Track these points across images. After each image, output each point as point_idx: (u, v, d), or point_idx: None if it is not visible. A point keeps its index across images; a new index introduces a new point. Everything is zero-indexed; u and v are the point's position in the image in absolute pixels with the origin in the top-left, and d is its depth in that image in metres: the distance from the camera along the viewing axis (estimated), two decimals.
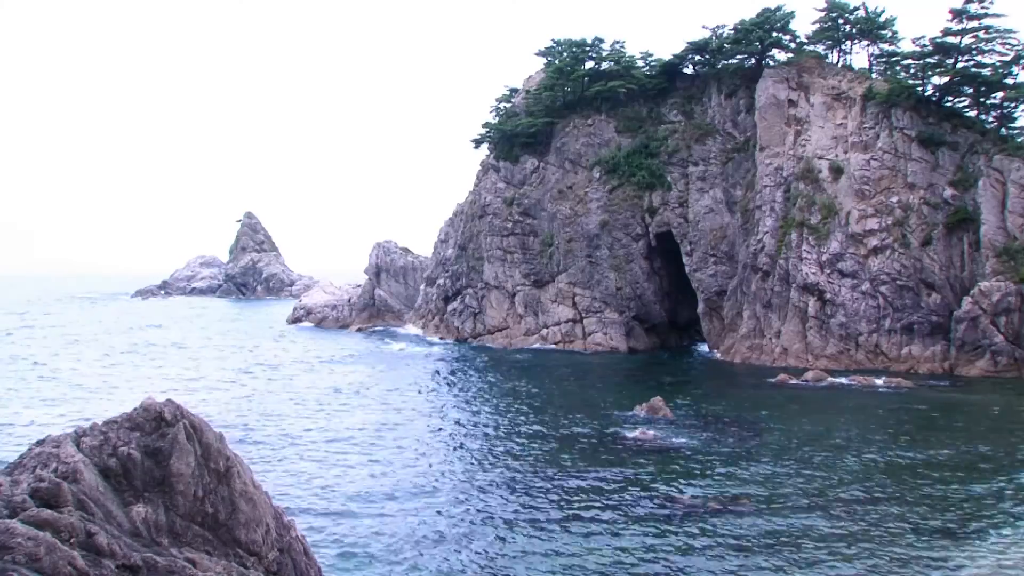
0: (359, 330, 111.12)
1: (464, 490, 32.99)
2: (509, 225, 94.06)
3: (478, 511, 30.23)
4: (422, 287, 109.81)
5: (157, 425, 14.03)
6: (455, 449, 40.71)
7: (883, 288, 68.95)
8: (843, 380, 61.00)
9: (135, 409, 14.33)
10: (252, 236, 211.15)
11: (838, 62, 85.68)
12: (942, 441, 41.23)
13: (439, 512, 30.01)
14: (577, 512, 29.68)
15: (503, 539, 27.19)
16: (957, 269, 68.84)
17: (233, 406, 51.97)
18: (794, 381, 61.91)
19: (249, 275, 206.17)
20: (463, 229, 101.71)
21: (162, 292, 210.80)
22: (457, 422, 47.65)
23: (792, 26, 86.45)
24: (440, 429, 45.69)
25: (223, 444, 14.79)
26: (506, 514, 29.69)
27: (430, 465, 37.04)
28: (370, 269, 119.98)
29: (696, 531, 27.47)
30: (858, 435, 42.93)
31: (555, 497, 31.59)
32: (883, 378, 61.11)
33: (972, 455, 38.24)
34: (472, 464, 37.42)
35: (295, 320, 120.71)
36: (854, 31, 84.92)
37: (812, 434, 43.11)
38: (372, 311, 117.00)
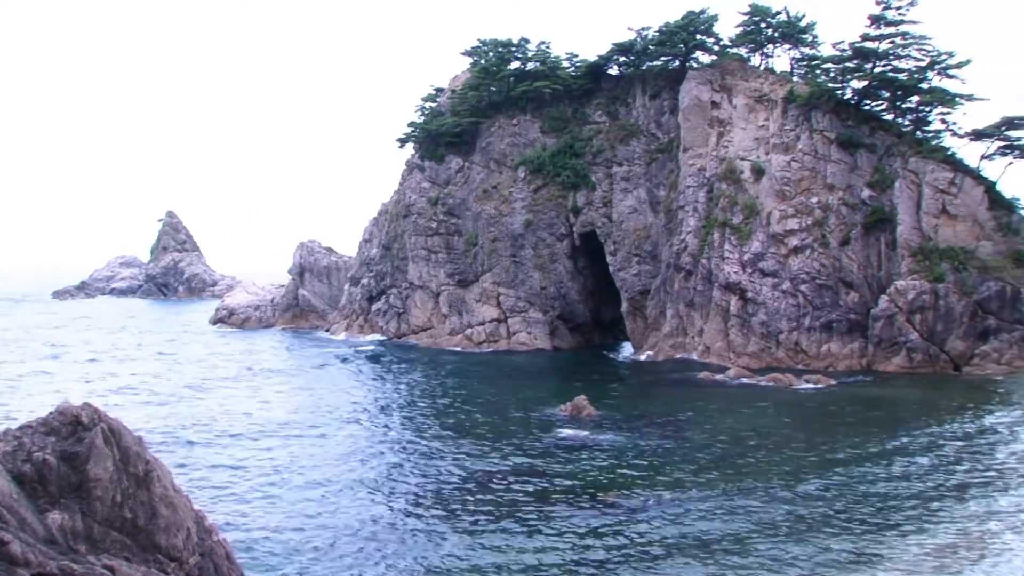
0: (283, 330, 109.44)
1: (389, 490, 32.32)
2: (434, 225, 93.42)
3: (402, 510, 29.64)
4: (346, 287, 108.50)
5: (74, 429, 13.41)
6: (379, 449, 39.89)
7: (803, 287, 69.90)
8: (764, 378, 61.49)
9: (51, 413, 13.71)
10: (173, 235, 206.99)
11: (760, 65, 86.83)
12: (861, 436, 41.69)
13: (363, 513, 29.28)
14: (500, 510, 29.24)
15: (426, 538, 26.67)
16: (874, 268, 70.13)
17: (153, 409, 50.24)
18: (716, 379, 62.33)
19: (170, 275, 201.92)
20: (387, 229, 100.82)
21: (81, 293, 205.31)
22: (381, 422, 46.93)
23: (716, 29, 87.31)
24: (363, 429, 44.89)
25: (142, 448, 14.21)
26: (430, 513, 29.15)
27: (354, 466, 36.22)
28: (294, 269, 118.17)
29: (620, 529, 27.18)
30: (779, 431, 43.28)
31: (478, 496, 31.12)
32: (803, 375, 61.76)
33: (891, 449, 38.69)
34: (395, 463, 36.73)
35: (217, 321, 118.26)
36: (776, 35, 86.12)
37: (734, 431, 43.27)
38: (296, 311, 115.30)
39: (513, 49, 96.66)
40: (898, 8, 74.44)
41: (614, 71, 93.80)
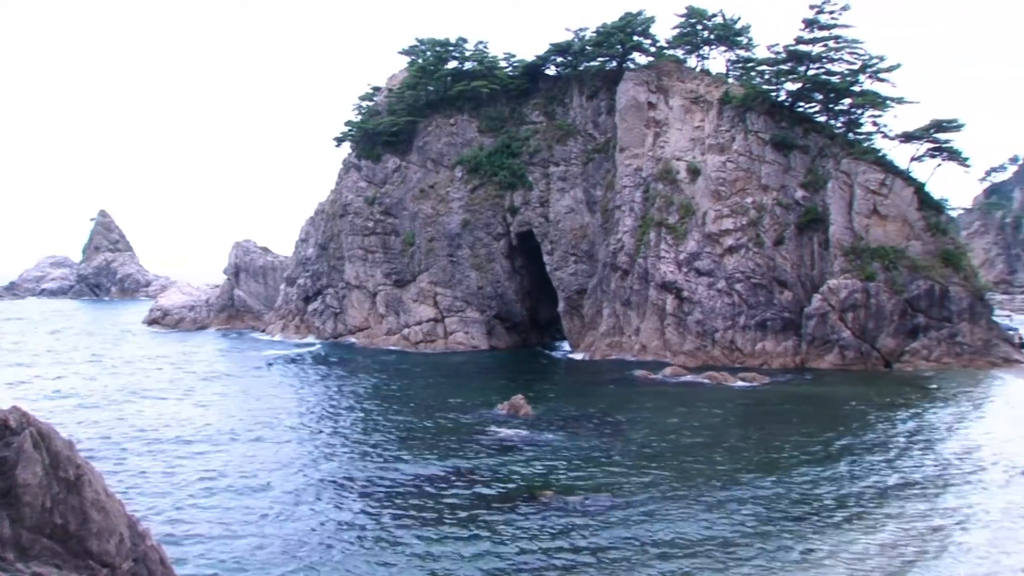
0: (218, 332, 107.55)
1: (325, 495, 31.39)
2: (370, 224, 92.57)
3: (338, 512, 28.93)
4: (282, 287, 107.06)
5: (1, 434, 12.77)
6: (315, 454, 38.77)
7: (738, 286, 70.46)
8: (700, 376, 61.75)
9: None
10: (106, 235, 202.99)
11: (696, 66, 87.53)
12: (798, 433, 42.00)
13: (298, 516, 28.50)
14: (437, 513, 28.66)
15: (362, 544, 26.05)
16: (808, 267, 70.95)
17: (85, 413, 48.47)
18: (653, 377, 62.33)
19: (103, 276, 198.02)
20: (324, 228, 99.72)
21: (9, 294, 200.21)
22: (317, 426, 45.79)
23: (652, 31, 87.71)
24: (300, 434, 43.75)
25: (73, 452, 13.55)
26: (366, 519, 28.42)
27: (290, 471, 35.15)
28: (229, 269, 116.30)
29: (558, 527, 26.81)
30: (716, 429, 43.33)
31: (415, 499, 30.53)
32: (738, 373, 62.11)
33: (828, 446, 39.00)
34: (331, 468, 35.69)
35: (151, 322, 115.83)
36: (712, 37, 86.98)
37: (671, 429, 43.20)
38: (231, 312, 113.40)
39: (451, 48, 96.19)
40: (831, 13, 75.64)
41: (551, 71, 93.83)
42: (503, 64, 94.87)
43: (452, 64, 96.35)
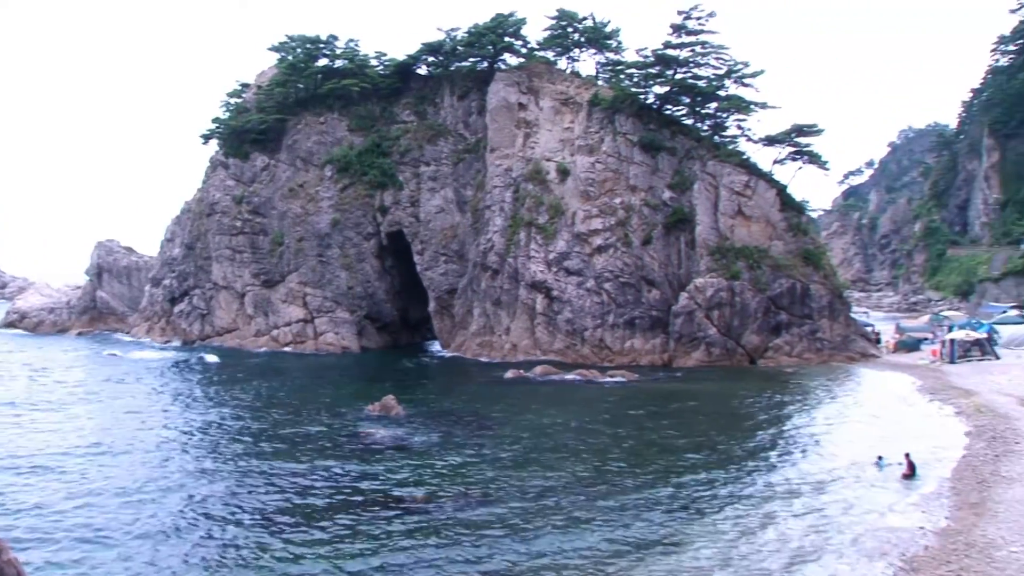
0: (79, 334, 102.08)
1: (190, 500, 29.67)
2: (238, 224, 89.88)
3: (204, 520, 27.17)
4: (147, 288, 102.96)
5: None
6: (179, 458, 36.22)
7: (607, 285, 70.85)
8: (570, 374, 61.67)
9: None
10: None
11: (567, 68, 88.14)
12: (664, 427, 42.14)
13: (163, 526, 26.66)
14: (306, 515, 27.42)
15: (226, 547, 24.58)
16: (675, 267, 71.88)
17: None
18: (524, 376, 61.92)
19: None
20: (190, 228, 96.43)
21: None
22: (183, 428, 43.20)
23: (524, 32, 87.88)
24: (165, 437, 41.12)
25: None
26: (234, 520, 26.84)
27: (154, 475, 32.84)
28: (91, 270, 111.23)
29: (428, 530, 25.92)
30: (586, 426, 43.05)
31: (284, 501, 29.16)
32: (608, 371, 62.31)
33: (692, 439, 39.21)
34: (199, 471, 33.54)
35: (8, 325, 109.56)
36: (582, 39, 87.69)
37: (542, 427, 42.74)
38: (94, 314, 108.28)
39: (321, 46, 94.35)
40: (698, 19, 77.21)
41: (423, 71, 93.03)
42: (374, 63, 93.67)
43: (323, 62, 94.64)
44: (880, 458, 32.88)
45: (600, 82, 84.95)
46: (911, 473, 30.60)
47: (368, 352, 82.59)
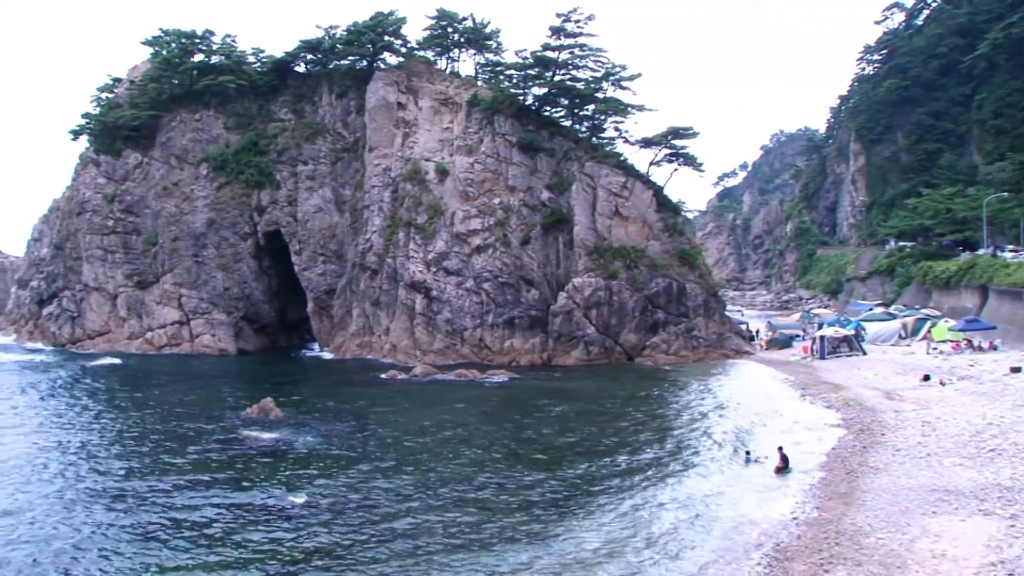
0: None
1: (63, 509, 27.98)
2: (110, 223, 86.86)
3: (73, 531, 25.72)
4: (13, 290, 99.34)
5: None
6: (51, 467, 34.17)
7: (486, 285, 70.91)
8: (451, 374, 61.48)
9: None
10: None
11: (446, 68, 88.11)
12: (542, 426, 42.34)
13: (32, 536, 25.28)
14: (179, 521, 26.56)
15: (101, 556, 23.69)
16: (553, 266, 72.39)
17: None
18: (403, 377, 61.52)
19: None
20: (60, 227, 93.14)
21: None
22: (50, 438, 40.77)
23: (403, 31, 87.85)
24: (33, 445, 38.96)
25: None
26: (105, 535, 25.72)
27: (23, 486, 31.29)
28: None
29: (307, 532, 25.44)
30: (465, 426, 42.88)
31: (159, 507, 28.09)
32: (488, 370, 62.36)
33: (569, 437, 39.51)
34: (69, 481, 31.77)
35: None
36: (462, 40, 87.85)
37: (422, 427, 42.42)
38: None
39: (197, 41, 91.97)
40: (576, 22, 77.95)
41: (301, 69, 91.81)
42: (251, 59, 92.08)
43: (198, 57, 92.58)
44: (748, 452, 33.67)
45: (479, 83, 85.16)
46: (784, 466, 31.34)
47: (246, 354, 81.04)
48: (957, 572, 19.22)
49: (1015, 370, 46.96)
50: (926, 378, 48.12)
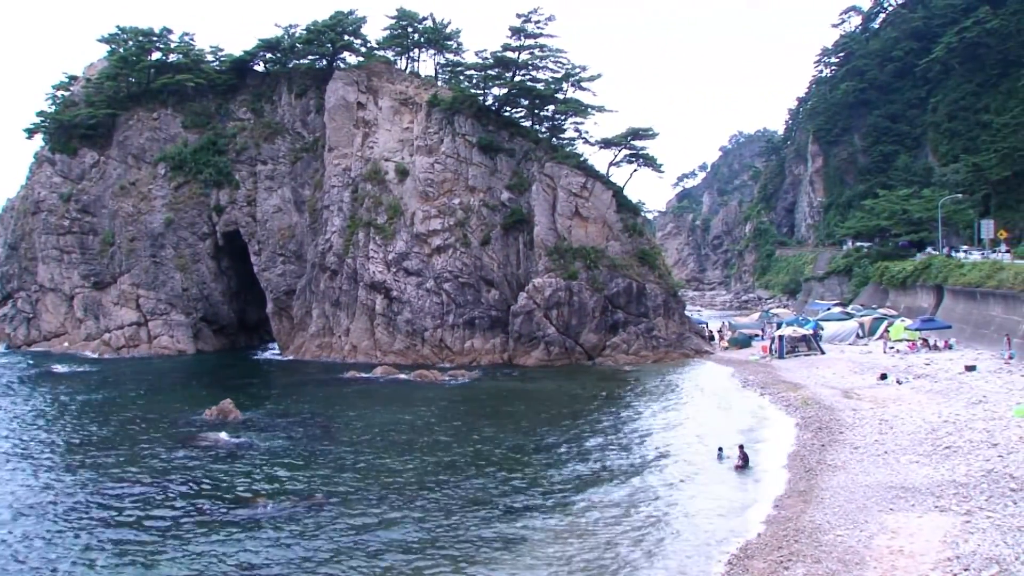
0: None
1: (19, 514, 28.02)
2: (66, 223, 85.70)
3: (26, 540, 25.48)
4: None
5: None
6: (6, 471, 34.58)
7: (446, 285, 70.82)
8: (411, 375, 61.32)
9: None
10: None
11: (406, 68, 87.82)
12: (506, 425, 42.55)
13: None
14: (136, 525, 26.33)
15: (59, 561, 23.50)
16: (513, 267, 72.44)
17: None
18: (364, 377, 61.46)
19: None
20: (14, 227, 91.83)
21: None
22: (3, 443, 40.81)
23: (363, 31, 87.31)
24: None
25: None
26: (72, 532, 25.58)
27: None
28: None
29: (266, 535, 25.34)
30: (426, 425, 42.96)
31: (116, 512, 27.79)
32: (448, 371, 62.35)
33: (535, 436, 39.71)
34: (22, 487, 31.58)
35: None
36: (422, 40, 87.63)
37: (382, 428, 42.37)
38: None
39: (154, 39, 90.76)
40: (537, 22, 77.87)
41: (260, 68, 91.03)
42: (210, 58, 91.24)
43: (156, 55, 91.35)
44: (720, 449, 34.18)
45: (440, 83, 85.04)
46: (744, 464, 31.76)
47: (205, 355, 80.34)
48: (914, 568, 19.53)
49: (969, 368, 47.82)
50: (883, 377, 48.76)
